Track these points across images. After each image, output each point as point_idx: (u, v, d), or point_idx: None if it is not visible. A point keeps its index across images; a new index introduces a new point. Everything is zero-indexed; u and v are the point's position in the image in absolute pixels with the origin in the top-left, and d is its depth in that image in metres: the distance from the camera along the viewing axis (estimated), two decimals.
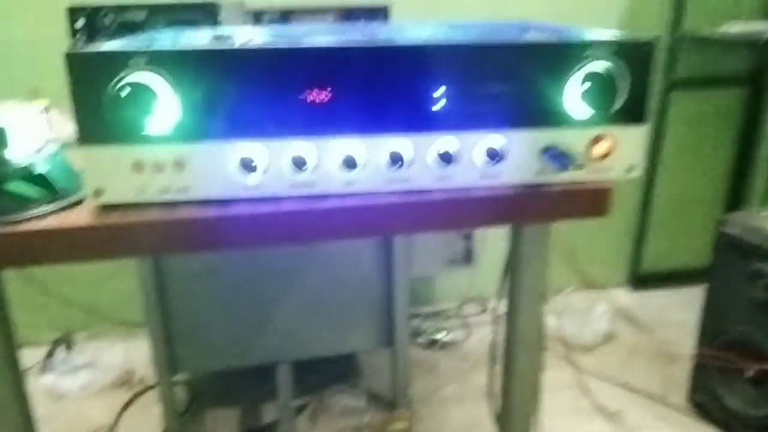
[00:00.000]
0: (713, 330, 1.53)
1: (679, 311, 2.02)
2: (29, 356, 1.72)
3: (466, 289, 2.06)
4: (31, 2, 1.66)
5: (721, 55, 2.01)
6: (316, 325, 1.52)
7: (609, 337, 1.90)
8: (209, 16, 1.18)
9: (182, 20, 1.17)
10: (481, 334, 1.93)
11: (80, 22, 1.17)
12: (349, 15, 1.47)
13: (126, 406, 1.64)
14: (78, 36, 1.17)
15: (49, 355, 1.81)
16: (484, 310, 2.06)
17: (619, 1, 1.95)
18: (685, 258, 2.21)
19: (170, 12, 1.17)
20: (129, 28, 1.17)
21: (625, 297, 2.17)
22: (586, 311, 1.92)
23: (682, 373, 1.64)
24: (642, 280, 2.22)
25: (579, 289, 2.09)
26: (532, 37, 0.65)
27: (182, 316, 1.45)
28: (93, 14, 1.17)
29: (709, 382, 1.54)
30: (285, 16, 1.44)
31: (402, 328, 1.54)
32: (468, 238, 1.86)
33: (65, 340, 1.88)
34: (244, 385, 1.68)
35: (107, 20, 1.16)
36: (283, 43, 0.60)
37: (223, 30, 0.90)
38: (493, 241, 1.87)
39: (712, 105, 2.10)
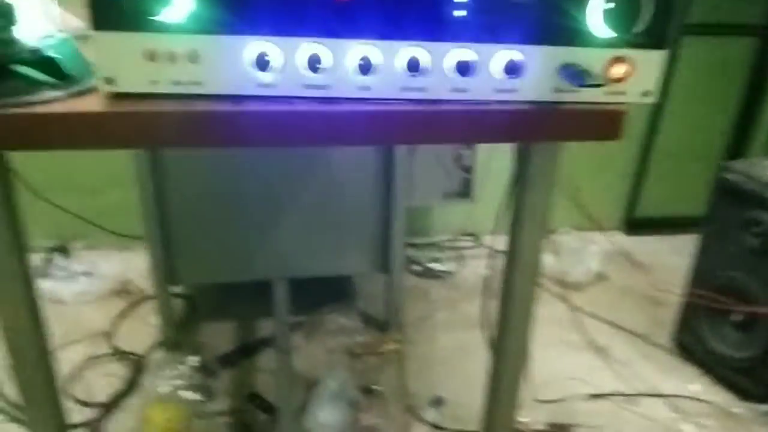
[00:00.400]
0: (704, 274, 1.56)
1: (672, 256, 2.05)
2: None
3: (462, 223, 2.08)
4: None
5: (736, 2, 1.96)
6: (314, 244, 1.54)
7: (601, 277, 1.94)
8: None
9: None
10: (474, 267, 1.96)
11: None
12: None
13: (123, 314, 1.67)
14: None
15: (47, 261, 1.83)
16: (478, 244, 2.08)
17: None
18: (682, 206, 2.22)
19: None
20: None
21: (621, 239, 2.19)
22: (580, 250, 1.95)
23: (669, 315, 1.68)
24: (638, 224, 2.24)
25: (575, 228, 2.10)
26: None
27: (181, 227, 1.45)
28: None
29: (696, 324, 1.58)
30: None
31: (398, 253, 1.56)
32: (467, 171, 1.85)
33: (62, 248, 1.89)
34: (241, 300, 1.72)
35: None
36: None
37: None
38: (492, 177, 1.86)
39: (721, 54, 2.07)
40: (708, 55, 2.05)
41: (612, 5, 0.61)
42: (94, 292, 1.73)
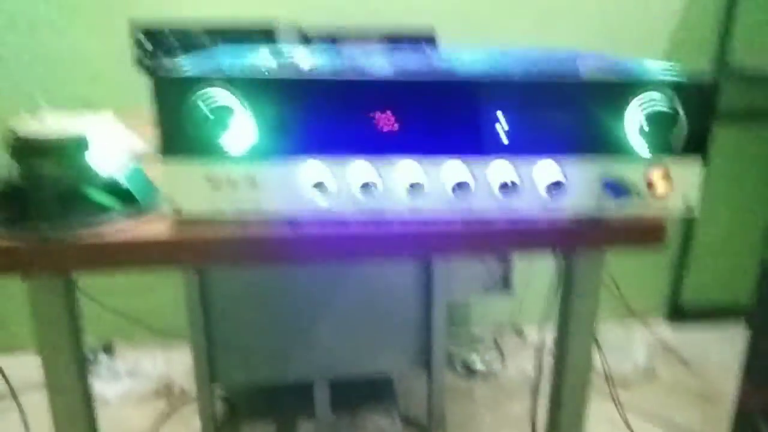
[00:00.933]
0: (758, 371, 1.50)
1: (721, 348, 1.98)
2: None
3: (503, 316, 2.06)
4: (87, 16, 1.73)
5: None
6: (354, 344, 1.54)
7: (649, 372, 1.88)
8: (267, 38, 1.23)
9: (241, 42, 1.22)
10: (517, 362, 1.92)
11: (143, 40, 1.22)
12: (394, 41, 1.50)
13: (165, 415, 1.67)
14: (140, 52, 1.23)
15: (92, 360, 1.86)
16: (521, 338, 2.05)
17: (664, 29, 1.95)
18: (726, 293, 2.17)
19: (230, 34, 1.22)
20: (190, 47, 1.22)
21: (665, 330, 2.13)
22: (624, 343, 1.90)
23: (723, 414, 1.61)
24: (682, 313, 2.18)
25: (617, 319, 2.06)
26: (594, 72, 0.67)
27: (224, 328, 1.48)
28: (156, 33, 1.22)
29: (753, 425, 1.51)
30: (333, 39, 1.48)
31: (439, 352, 1.55)
32: (506, 264, 1.86)
33: (107, 347, 1.93)
34: (282, 401, 1.70)
35: (169, 39, 1.22)
36: (352, 72, 0.63)
37: (284, 50, 0.93)
38: (531, 269, 1.87)
39: (757, 141, 2.08)
40: (743, 142, 2.06)
41: (649, 121, 0.63)
42: (137, 392, 1.75)
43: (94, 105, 1.77)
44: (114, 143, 0.69)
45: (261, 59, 0.90)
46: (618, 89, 0.63)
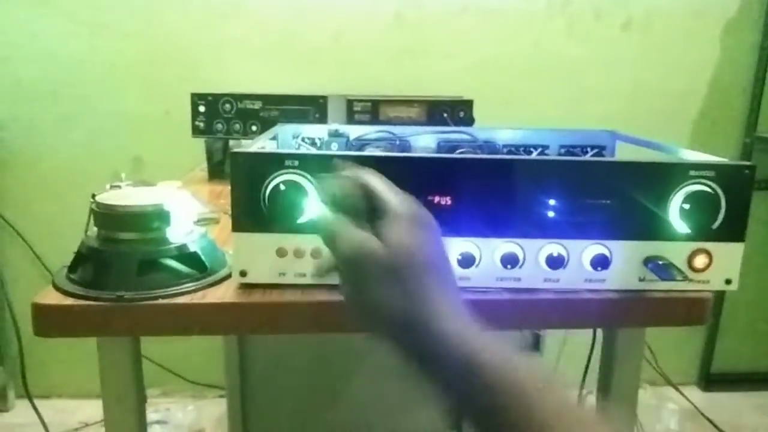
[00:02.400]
0: None
1: (753, 415, 1.96)
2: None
3: None
4: (141, 82, 1.84)
5: None
6: (387, 404, 1.55)
7: None
8: (317, 107, 1.30)
9: (294, 110, 1.28)
10: None
11: (202, 107, 1.30)
12: (433, 106, 1.57)
13: None
14: (199, 119, 1.30)
15: None
16: None
17: (695, 101, 2.00)
18: (759, 360, 2.15)
19: (283, 102, 1.29)
20: (245, 115, 1.29)
21: (698, 396, 2.11)
22: (657, 408, 1.89)
23: None
24: (715, 380, 2.16)
25: (650, 384, 2.05)
26: (633, 156, 0.71)
27: (260, 383, 1.50)
28: (214, 100, 1.30)
29: None
30: (376, 105, 1.55)
31: None
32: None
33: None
34: None
35: (226, 107, 1.29)
36: (408, 154, 0.68)
37: (338, 127, 1.00)
38: (563, 334, 1.87)
39: None
40: None
41: (690, 203, 0.67)
42: None
43: (145, 163, 1.87)
44: (185, 211, 0.74)
45: (319, 136, 0.97)
46: (662, 173, 0.67)
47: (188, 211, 0.74)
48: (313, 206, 0.65)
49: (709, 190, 0.66)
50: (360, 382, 1.52)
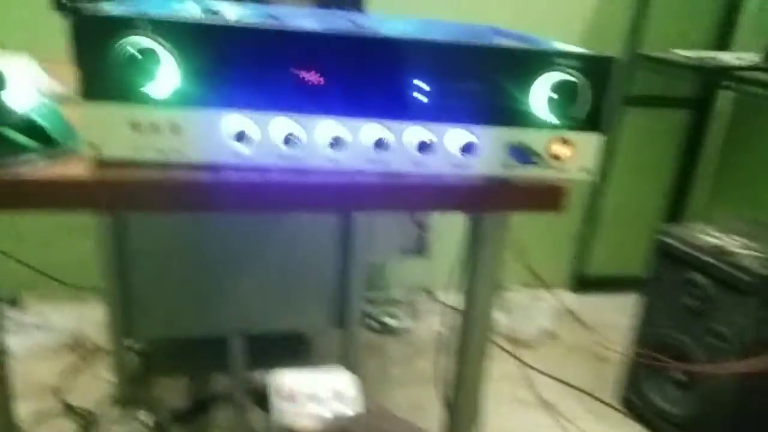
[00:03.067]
0: (647, 333, 1.64)
1: (618, 315, 2.14)
2: None
3: (417, 279, 2.13)
4: None
5: (672, 78, 2.13)
6: (271, 300, 1.56)
7: (550, 335, 2.01)
8: None
9: None
10: (429, 323, 2.00)
11: None
12: (324, 1, 1.51)
13: (75, 368, 1.64)
14: None
15: None
16: (433, 300, 2.13)
17: (580, 19, 2.05)
18: (626, 265, 2.33)
19: None
20: None
21: (569, 297, 2.28)
22: (530, 308, 2.02)
23: (615, 373, 1.75)
24: (585, 283, 2.34)
25: (524, 286, 2.18)
26: (506, 42, 0.71)
27: (139, 281, 1.46)
28: None
29: (640, 382, 1.65)
30: None
31: (354, 309, 1.60)
32: (422, 228, 1.92)
33: (12, 300, 1.86)
34: (196, 356, 1.71)
35: None
36: (281, 25, 0.65)
37: (213, 5, 0.93)
38: (446, 234, 1.93)
39: (660, 123, 2.24)
40: (648, 124, 2.21)
41: (554, 92, 0.69)
42: (45, 345, 1.70)
43: (6, 47, 1.68)
44: (30, 83, 0.68)
45: (187, 9, 0.89)
46: (528, 59, 0.68)
47: (34, 81, 0.68)
48: (168, 75, 0.60)
49: (571, 78, 0.68)
50: (244, 280, 1.51)
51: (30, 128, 0.64)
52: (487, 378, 0.93)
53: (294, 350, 1.76)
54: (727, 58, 1.82)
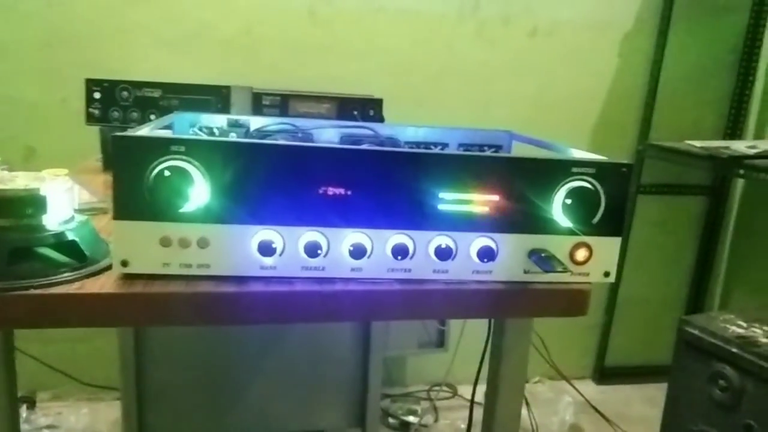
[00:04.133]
0: (675, 427, 1.58)
1: (643, 406, 2.08)
2: None
3: (437, 373, 2.09)
4: (37, 67, 1.73)
5: (685, 167, 2.16)
6: (288, 400, 1.53)
7: (575, 429, 1.94)
8: (220, 97, 1.27)
9: (195, 100, 1.25)
10: (451, 419, 1.95)
11: (97, 94, 1.24)
12: (344, 104, 1.57)
13: None
14: (94, 106, 1.24)
15: None
16: (454, 395, 2.08)
17: (593, 112, 2.11)
18: (648, 354, 2.28)
19: (184, 91, 1.26)
20: (144, 103, 1.24)
21: (592, 389, 2.21)
22: (552, 401, 1.96)
23: None
24: (607, 374, 2.28)
25: (546, 378, 2.13)
26: (524, 153, 0.74)
27: (156, 382, 1.45)
28: (110, 87, 1.24)
29: None
30: (285, 99, 1.53)
31: (374, 408, 1.57)
32: (442, 322, 1.91)
33: (28, 399, 1.84)
34: None
35: (124, 94, 1.24)
36: (304, 143, 0.68)
37: (238, 117, 0.98)
38: (466, 328, 1.92)
39: (675, 210, 2.25)
40: (663, 211, 2.22)
41: (572, 199, 0.70)
42: None
43: (39, 154, 1.76)
44: (66, 200, 0.71)
45: (214, 121, 0.94)
46: (547, 169, 0.70)
47: (69, 198, 0.71)
48: (198, 193, 0.63)
49: (589, 186, 0.70)
50: (263, 379, 1.49)
51: (63, 245, 0.66)
52: None
53: None
54: (740, 147, 1.85)
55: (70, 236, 0.66)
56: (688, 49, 2.10)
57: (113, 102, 1.24)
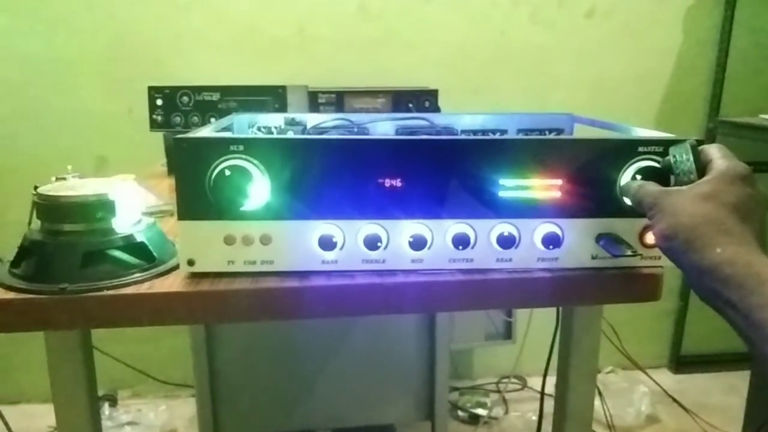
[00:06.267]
0: (759, 418, 1.50)
1: (723, 395, 1.99)
2: None
3: (505, 365, 2.06)
4: (103, 78, 1.80)
5: (761, 143, 2.05)
6: (357, 394, 1.54)
7: (652, 420, 1.87)
8: (277, 97, 1.28)
9: (253, 101, 1.27)
10: (521, 411, 1.92)
11: (159, 100, 1.27)
12: (399, 97, 1.56)
13: None
14: (156, 112, 1.28)
15: None
16: (523, 387, 2.05)
17: (659, 90, 2.02)
18: (728, 341, 2.18)
19: (242, 93, 1.28)
20: (204, 107, 1.27)
21: (668, 378, 2.13)
22: (627, 391, 1.90)
23: None
24: (684, 362, 2.19)
25: (620, 368, 2.07)
26: (589, 134, 0.71)
27: (228, 379, 1.49)
28: (171, 93, 1.28)
29: None
30: (339, 96, 1.53)
31: (442, 401, 1.56)
32: (509, 313, 1.88)
33: (110, 397, 1.93)
34: None
35: (184, 99, 1.27)
36: (360, 135, 0.67)
37: (295, 115, 0.98)
38: (533, 317, 1.88)
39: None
40: None
41: (643, 177, 0.67)
42: None
43: (111, 164, 1.83)
44: (134, 202, 0.73)
45: (272, 121, 0.95)
46: (614, 150, 0.67)
47: (136, 201, 0.73)
48: (259, 191, 0.63)
49: (657, 165, 0.67)
50: (331, 374, 1.51)
51: (133, 246, 0.68)
52: None
53: None
54: None
55: (139, 238, 0.69)
56: (759, 17, 1.98)
57: (175, 108, 1.27)
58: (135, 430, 1.78)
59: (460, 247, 0.67)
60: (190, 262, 0.66)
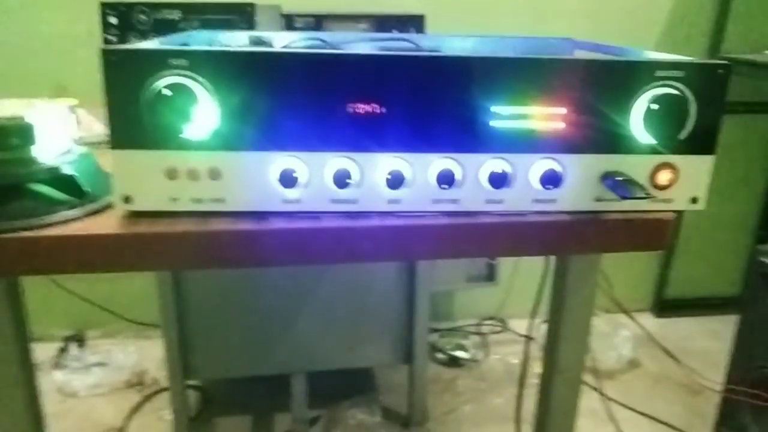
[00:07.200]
0: (745, 364, 1.47)
1: (706, 340, 1.97)
2: (41, 352, 1.70)
3: (486, 307, 2.01)
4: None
5: (760, 81, 1.95)
6: (333, 337, 1.48)
7: (633, 364, 1.85)
8: (245, 17, 1.15)
9: (217, 20, 1.14)
10: (501, 354, 1.88)
11: (113, 19, 1.14)
12: (382, 23, 1.44)
13: (136, 408, 1.61)
14: (110, 32, 1.14)
15: (62, 351, 1.79)
16: (504, 329, 2.00)
17: (657, 23, 1.91)
18: (713, 285, 2.15)
19: (205, 11, 1.15)
20: (163, 26, 1.14)
21: (651, 322, 2.10)
22: (610, 335, 1.87)
23: (708, 406, 1.58)
24: (669, 305, 2.16)
25: (603, 311, 2.03)
26: (594, 55, 0.61)
27: (198, 320, 1.41)
28: (127, 11, 1.14)
29: (739, 417, 1.48)
30: (318, 21, 1.41)
31: (421, 344, 1.50)
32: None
33: (78, 337, 1.86)
34: (258, 394, 1.65)
35: (141, 17, 1.14)
36: (329, 50, 0.57)
37: (261, 34, 0.87)
38: (517, 261, 1.82)
39: (748, 131, 2.05)
40: (735, 132, 2.02)
41: (655, 110, 0.57)
42: (107, 384, 1.68)
43: (70, 91, 1.69)
44: (64, 131, 0.62)
45: (234, 39, 0.83)
46: (626, 74, 0.57)
47: (67, 129, 0.62)
48: (206, 115, 0.53)
49: (677, 92, 0.57)
50: (306, 315, 1.44)
51: (60, 180, 0.58)
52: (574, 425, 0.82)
53: (358, 386, 1.68)
54: None
55: (67, 170, 0.58)
56: None
57: (130, 26, 1.14)
58: (104, 372, 1.71)
59: (445, 186, 0.58)
60: (127, 199, 0.56)
